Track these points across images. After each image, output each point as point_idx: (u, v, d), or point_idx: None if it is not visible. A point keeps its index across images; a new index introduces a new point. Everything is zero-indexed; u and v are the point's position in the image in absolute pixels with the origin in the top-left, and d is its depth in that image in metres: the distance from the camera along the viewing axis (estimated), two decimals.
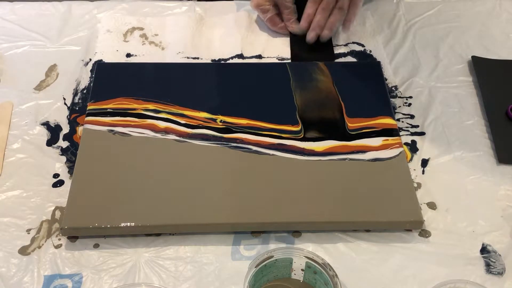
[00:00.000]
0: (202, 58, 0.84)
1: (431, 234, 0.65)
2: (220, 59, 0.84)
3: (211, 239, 0.64)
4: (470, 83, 0.82)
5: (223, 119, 0.73)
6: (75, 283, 0.60)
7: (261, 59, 0.84)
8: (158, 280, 0.60)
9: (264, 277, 0.59)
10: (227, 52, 0.85)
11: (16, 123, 0.74)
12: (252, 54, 0.85)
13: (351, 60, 0.84)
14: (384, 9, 0.92)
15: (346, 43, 0.87)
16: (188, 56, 0.84)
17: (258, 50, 0.85)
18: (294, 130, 0.72)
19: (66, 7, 0.90)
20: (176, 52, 0.84)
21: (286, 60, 0.84)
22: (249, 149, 0.70)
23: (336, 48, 0.86)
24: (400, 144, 0.71)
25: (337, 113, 0.74)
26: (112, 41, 0.85)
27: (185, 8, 0.91)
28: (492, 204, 0.68)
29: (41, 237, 0.63)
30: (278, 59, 0.84)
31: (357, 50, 0.86)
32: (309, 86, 0.77)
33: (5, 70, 0.81)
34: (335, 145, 0.71)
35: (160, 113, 0.73)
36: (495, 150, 0.73)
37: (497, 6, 0.93)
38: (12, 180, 0.68)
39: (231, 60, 0.84)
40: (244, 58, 0.84)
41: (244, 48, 0.85)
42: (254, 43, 0.86)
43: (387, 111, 0.75)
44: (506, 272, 0.62)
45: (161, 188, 0.65)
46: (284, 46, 0.86)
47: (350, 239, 0.64)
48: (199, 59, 0.84)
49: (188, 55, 0.84)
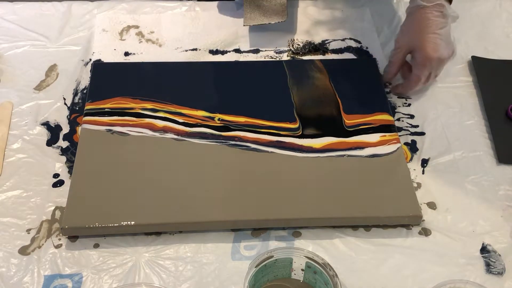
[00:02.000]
0: (200, 49, 0.84)
1: (431, 233, 0.65)
2: (217, 50, 0.84)
3: (211, 239, 0.64)
4: (470, 83, 0.82)
5: (221, 117, 0.73)
6: (75, 283, 0.60)
7: (258, 53, 0.84)
8: (158, 280, 0.60)
9: (264, 277, 0.59)
10: (224, 44, 0.85)
11: (16, 123, 0.74)
12: (249, 48, 0.85)
13: (348, 56, 0.85)
14: (384, 9, 0.92)
15: (343, 38, 0.87)
16: (186, 49, 0.84)
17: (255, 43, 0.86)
18: (292, 128, 0.72)
19: (66, 7, 0.90)
20: (174, 48, 0.85)
21: (283, 52, 0.84)
22: (248, 147, 0.70)
23: (332, 44, 0.86)
24: (397, 140, 0.71)
25: (334, 110, 0.75)
26: (108, 41, 0.86)
27: (185, 8, 0.91)
28: (492, 204, 0.68)
29: (41, 237, 0.63)
30: (276, 52, 0.84)
31: (354, 46, 0.86)
32: (306, 84, 0.78)
33: (5, 70, 0.81)
34: (333, 142, 0.71)
35: (158, 112, 0.73)
36: (495, 150, 0.73)
37: (497, 6, 0.93)
38: (12, 180, 0.68)
39: (228, 54, 0.84)
40: (241, 53, 0.84)
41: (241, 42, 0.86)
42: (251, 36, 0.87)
43: (384, 107, 0.75)
44: (506, 272, 0.62)
45: (160, 187, 0.66)
46: (281, 39, 0.86)
47: (350, 239, 0.64)
48: (197, 50, 0.84)
49: (186, 48, 0.85)
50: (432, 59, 0.72)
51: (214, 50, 0.85)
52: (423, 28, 0.73)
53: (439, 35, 0.72)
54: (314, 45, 0.85)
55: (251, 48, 0.85)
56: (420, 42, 0.73)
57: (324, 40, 0.86)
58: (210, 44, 0.85)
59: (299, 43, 0.86)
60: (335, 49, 0.85)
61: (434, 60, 0.73)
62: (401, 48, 0.76)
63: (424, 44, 0.72)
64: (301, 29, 0.88)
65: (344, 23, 0.89)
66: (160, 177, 0.66)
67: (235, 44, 0.86)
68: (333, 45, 0.86)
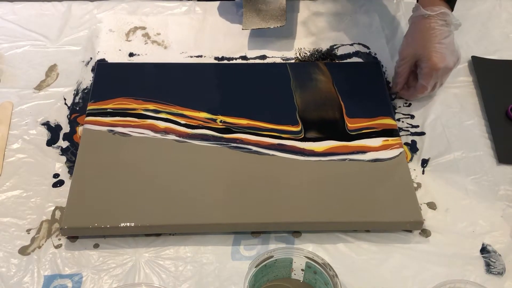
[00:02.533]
0: (205, 56, 0.84)
1: (431, 234, 0.65)
2: (223, 57, 0.84)
3: (211, 239, 0.64)
4: (470, 83, 0.82)
5: (223, 119, 0.73)
6: (75, 283, 0.60)
7: (265, 60, 0.84)
8: (158, 280, 0.60)
9: (264, 277, 0.59)
10: (230, 51, 0.85)
11: (16, 123, 0.74)
12: (255, 55, 0.85)
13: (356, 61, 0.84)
14: (384, 9, 0.92)
15: (351, 43, 0.86)
16: (192, 55, 0.84)
17: (262, 51, 0.85)
18: (294, 131, 0.72)
19: (66, 7, 0.90)
20: (179, 51, 0.84)
21: (290, 60, 0.84)
22: (249, 150, 0.70)
23: (341, 48, 0.86)
24: (400, 145, 0.71)
25: (337, 114, 0.74)
26: (114, 41, 0.86)
27: (185, 8, 0.91)
28: (492, 204, 0.68)
29: (41, 237, 0.63)
30: (283, 59, 0.84)
31: (362, 52, 0.85)
32: (309, 86, 0.77)
33: (5, 70, 0.81)
34: (335, 146, 0.71)
35: (160, 113, 0.73)
36: (495, 150, 0.73)
37: (497, 6, 0.93)
38: (12, 180, 0.68)
39: (234, 61, 0.83)
40: (248, 60, 0.84)
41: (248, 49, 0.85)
42: (258, 43, 0.86)
43: (387, 112, 0.75)
44: (506, 272, 0.62)
45: (161, 188, 0.65)
46: (288, 46, 0.86)
47: (350, 239, 0.64)
48: (202, 57, 0.84)
49: (191, 54, 0.84)
50: (438, 69, 0.72)
51: (220, 57, 0.84)
52: (428, 38, 0.73)
53: (444, 44, 0.72)
54: (321, 53, 0.85)
55: (257, 55, 0.84)
56: (427, 53, 0.72)
57: (332, 46, 0.86)
58: (216, 50, 0.85)
59: (306, 51, 0.85)
60: (342, 54, 0.85)
61: (441, 70, 0.73)
62: (407, 58, 0.76)
63: (431, 55, 0.72)
64: (307, 35, 0.87)
65: (352, 28, 0.89)
66: (160, 178, 0.66)
67: (241, 51, 0.85)
68: (341, 52, 0.85)
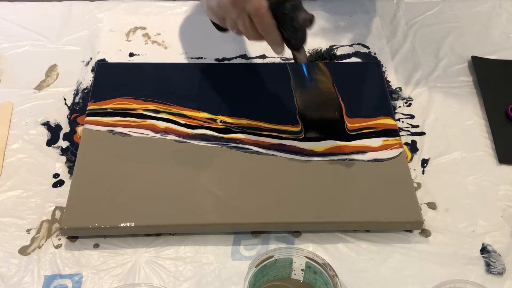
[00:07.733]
0: (206, 58, 0.84)
1: (431, 234, 0.65)
2: (223, 58, 0.84)
3: (211, 239, 0.64)
4: (470, 83, 0.82)
5: (223, 119, 0.73)
6: (75, 283, 0.60)
7: (265, 59, 0.84)
8: (158, 280, 0.60)
9: (264, 277, 0.59)
10: (231, 52, 0.85)
11: (16, 123, 0.74)
12: (255, 55, 0.84)
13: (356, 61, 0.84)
14: (384, 9, 0.92)
15: (351, 44, 0.86)
16: (192, 56, 0.84)
17: (261, 50, 0.85)
18: (294, 131, 0.72)
19: (66, 7, 0.90)
20: (179, 52, 0.84)
21: (290, 60, 0.84)
22: (249, 150, 0.70)
23: (341, 49, 0.86)
24: (400, 145, 0.71)
25: (337, 114, 0.74)
26: (114, 41, 0.85)
27: (185, 8, 0.91)
28: (492, 204, 0.68)
29: (41, 237, 0.63)
30: (282, 60, 0.84)
31: (362, 52, 0.85)
32: (309, 86, 0.77)
33: (5, 70, 0.81)
34: (335, 146, 0.71)
35: (160, 113, 0.73)
36: (495, 150, 0.73)
37: (497, 6, 0.93)
38: (12, 180, 0.68)
39: (234, 60, 0.83)
40: (248, 59, 0.84)
41: (248, 48, 0.85)
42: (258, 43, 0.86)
43: (387, 111, 0.75)
44: (506, 272, 0.62)
45: (161, 189, 0.65)
46: None
47: (350, 239, 0.64)
48: (203, 58, 0.84)
49: (191, 55, 0.84)
50: None
51: (220, 58, 0.84)
52: None
53: None
54: (321, 53, 0.85)
55: (257, 55, 0.84)
56: None
57: (332, 46, 0.86)
58: (216, 51, 0.84)
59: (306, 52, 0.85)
60: (342, 55, 0.85)
61: None
62: None
63: None
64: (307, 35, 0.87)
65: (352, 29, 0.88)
66: (160, 178, 0.66)
67: (241, 51, 0.84)
68: (340, 52, 0.85)
